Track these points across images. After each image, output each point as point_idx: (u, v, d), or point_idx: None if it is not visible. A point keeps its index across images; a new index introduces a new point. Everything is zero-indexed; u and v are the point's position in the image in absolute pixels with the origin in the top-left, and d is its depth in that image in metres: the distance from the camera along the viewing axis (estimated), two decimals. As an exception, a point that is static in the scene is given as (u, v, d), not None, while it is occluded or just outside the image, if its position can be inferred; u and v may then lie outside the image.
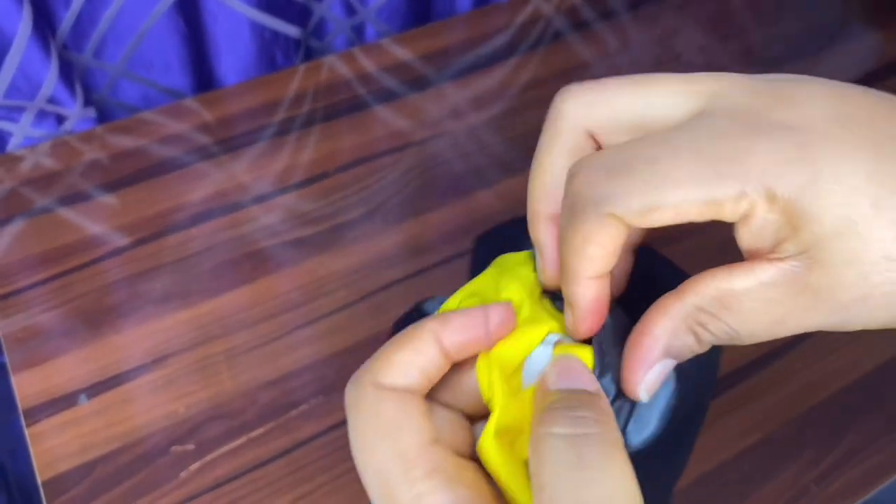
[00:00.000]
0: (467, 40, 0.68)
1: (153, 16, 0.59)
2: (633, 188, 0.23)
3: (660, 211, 0.23)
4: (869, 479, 0.44)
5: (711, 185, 0.22)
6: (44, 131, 0.59)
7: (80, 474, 0.43)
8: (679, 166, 0.23)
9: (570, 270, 0.25)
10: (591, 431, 0.23)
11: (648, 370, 0.25)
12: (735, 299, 0.23)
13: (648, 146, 0.24)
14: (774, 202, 0.22)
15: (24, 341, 0.47)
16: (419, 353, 0.25)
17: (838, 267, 0.22)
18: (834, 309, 0.22)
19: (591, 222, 0.24)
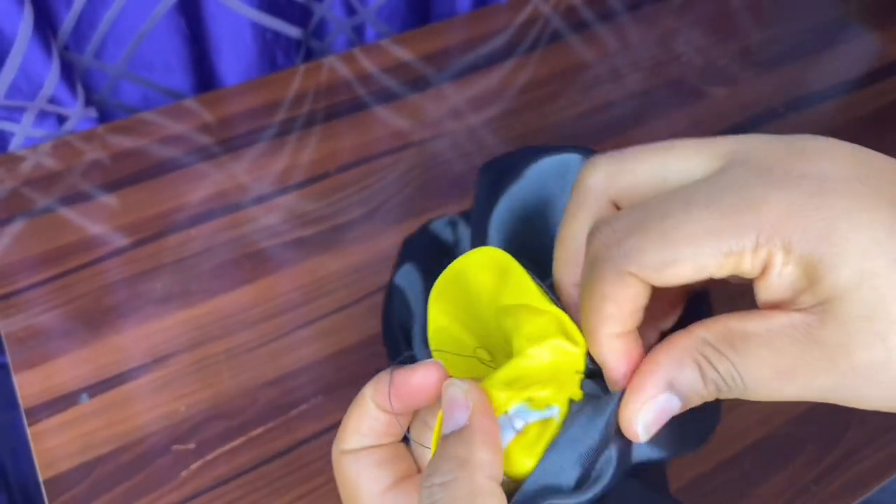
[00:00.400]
0: (467, 41, 0.68)
1: (154, 16, 0.59)
2: (647, 244, 0.23)
3: (676, 266, 0.23)
4: (868, 479, 0.44)
5: (726, 236, 0.22)
6: (45, 131, 0.59)
7: (80, 474, 0.43)
8: (692, 219, 0.23)
9: (590, 330, 0.25)
10: (439, 498, 0.23)
11: (648, 401, 0.24)
12: (743, 340, 0.23)
13: (662, 202, 0.24)
14: (791, 253, 0.22)
15: (25, 341, 0.48)
16: (363, 417, 0.27)
17: (853, 322, 0.21)
18: (847, 371, 0.22)
19: (609, 280, 0.24)
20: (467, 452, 0.23)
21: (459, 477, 0.23)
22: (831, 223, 0.21)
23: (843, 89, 0.67)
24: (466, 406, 0.25)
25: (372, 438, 0.27)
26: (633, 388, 0.24)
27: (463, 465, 0.23)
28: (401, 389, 0.26)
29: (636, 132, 0.61)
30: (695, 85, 0.65)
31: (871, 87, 0.67)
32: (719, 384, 0.23)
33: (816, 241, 0.21)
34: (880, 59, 0.70)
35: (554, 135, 0.61)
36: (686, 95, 0.64)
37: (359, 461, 0.27)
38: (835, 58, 0.69)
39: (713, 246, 0.22)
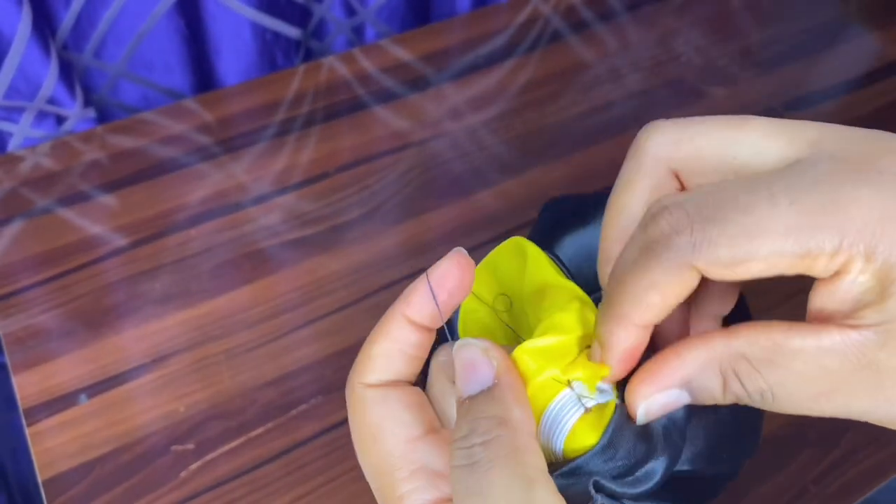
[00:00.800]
0: (467, 41, 0.68)
1: (153, 16, 0.59)
2: (723, 238, 0.21)
3: (749, 263, 0.21)
4: (867, 479, 0.44)
5: (808, 237, 0.20)
6: (43, 132, 0.59)
7: (80, 474, 0.43)
8: (775, 215, 0.21)
9: (619, 313, 0.23)
10: (479, 457, 0.22)
11: (658, 392, 0.23)
12: (786, 356, 0.21)
13: (743, 191, 0.21)
14: (871, 261, 0.20)
15: (25, 341, 0.48)
16: (395, 340, 0.25)
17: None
18: (893, 398, 0.20)
19: (664, 270, 0.22)
20: (503, 411, 0.22)
21: (501, 435, 0.22)
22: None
23: (842, 89, 0.67)
24: (490, 365, 0.24)
25: (399, 368, 0.25)
26: (649, 372, 0.23)
27: (502, 424, 0.22)
28: (440, 285, 0.25)
29: (636, 132, 0.61)
30: (694, 85, 0.65)
31: (871, 87, 0.67)
32: (741, 397, 0.22)
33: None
34: (880, 59, 0.70)
35: (554, 135, 0.61)
36: (686, 95, 0.64)
37: (387, 400, 0.25)
38: (835, 58, 0.69)
39: (793, 245, 0.20)
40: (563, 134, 0.61)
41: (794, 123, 0.23)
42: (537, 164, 0.59)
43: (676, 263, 0.22)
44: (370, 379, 0.25)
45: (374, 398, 0.25)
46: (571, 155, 0.59)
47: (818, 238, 0.20)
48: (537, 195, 0.56)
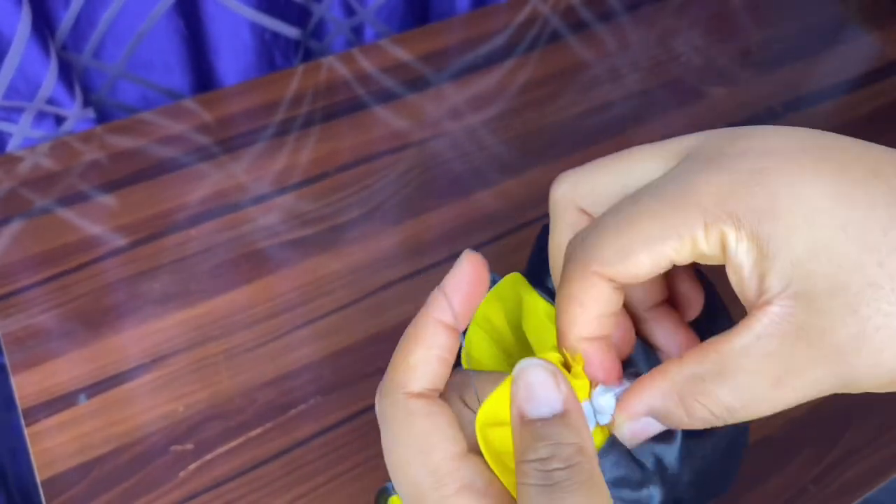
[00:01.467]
0: (466, 41, 0.68)
1: (152, 16, 0.59)
2: (602, 240, 0.24)
3: (633, 257, 0.23)
4: (867, 479, 0.44)
5: (673, 221, 0.23)
6: (43, 132, 0.59)
7: (79, 474, 0.43)
8: (640, 211, 0.24)
9: (560, 333, 0.26)
10: (558, 479, 0.22)
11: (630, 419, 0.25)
12: (732, 361, 0.22)
13: (617, 204, 0.25)
14: (741, 227, 0.22)
15: (24, 341, 0.48)
16: (431, 346, 0.25)
17: (824, 299, 0.21)
18: (832, 356, 0.21)
19: (574, 280, 0.25)
20: (581, 439, 0.23)
21: (582, 462, 0.23)
22: (773, 196, 0.22)
23: (842, 89, 0.67)
24: (558, 389, 0.24)
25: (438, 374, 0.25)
26: (623, 401, 0.25)
27: (581, 452, 0.23)
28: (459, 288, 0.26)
29: (635, 132, 0.61)
30: (694, 85, 0.65)
31: (871, 87, 0.67)
32: (708, 419, 0.23)
33: (762, 215, 0.22)
34: (880, 59, 0.70)
35: (554, 135, 0.61)
36: (685, 95, 0.64)
37: (434, 414, 0.25)
38: (834, 58, 0.69)
39: (663, 231, 0.23)
40: (562, 134, 0.61)
41: (672, 140, 0.26)
42: (537, 164, 0.58)
43: (579, 272, 0.25)
44: (414, 387, 0.25)
45: (422, 409, 0.25)
46: (571, 155, 0.59)
47: (683, 219, 0.23)
48: (537, 195, 0.56)
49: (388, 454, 0.25)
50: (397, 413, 0.25)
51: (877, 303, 0.21)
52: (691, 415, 0.23)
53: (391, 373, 0.25)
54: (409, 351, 0.25)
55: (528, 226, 0.55)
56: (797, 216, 0.21)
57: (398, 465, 0.25)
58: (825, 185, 0.22)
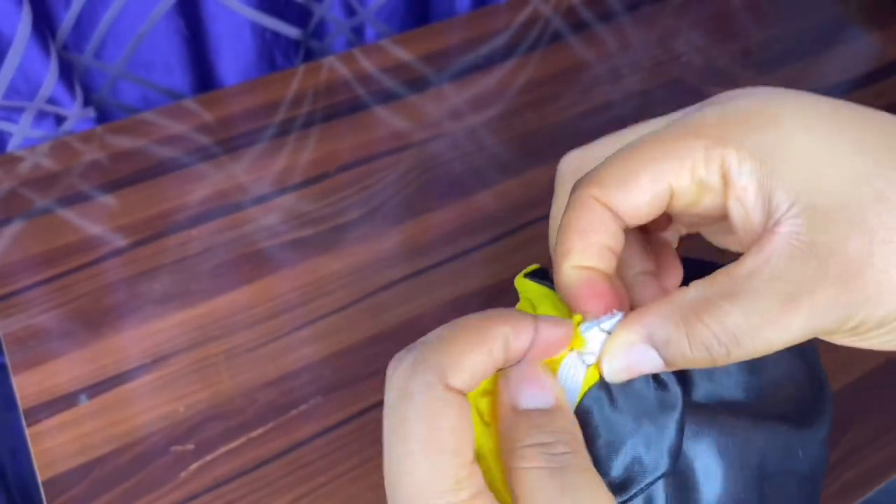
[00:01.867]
0: (467, 41, 0.68)
1: (153, 17, 0.59)
2: (606, 167, 0.24)
3: (632, 180, 0.23)
4: (868, 480, 0.44)
5: (673, 146, 0.23)
6: (43, 132, 0.59)
7: (80, 474, 0.43)
8: (643, 142, 0.24)
9: (555, 264, 0.25)
10: (567, 462, 0.22)
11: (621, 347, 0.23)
12: (745, 283, 0.21)
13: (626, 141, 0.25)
14: (742, 148, 0.22)
15: (25, 341, 0.48)
16: (490, 358, 0.23)
17: (831, 213, 0.20)
18: (841, 274, 0.20)
19: (573, 207, 0.25)
20: (575, 429, 0.23)
21: (579, 452, 0.22)
22: (775, 116, 0.22)
23: (842, 89, 0.67)
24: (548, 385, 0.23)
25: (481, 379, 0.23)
26: (618, 328, 0.24)
27: (577, 442, 0.22)
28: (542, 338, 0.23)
29: (636, 132, 0.61)
30: (694, 85, 0.65)
31: (871, 88, 0.67)
32: (711, 348, 0.22)
33: (764, 132, 0.22)
34: (880, 59, 0.70)
35: (554, 135, 0.61)
36: (686, 95, 0.64)
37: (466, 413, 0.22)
38: (835, 58, 0.69)
39: (662, 154, 0.23)
40: (563, 134, 0.61)
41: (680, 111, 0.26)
42: (537, 164, 0.58)
43: (579, 199, 0.24)
44: (455, 384, 0.22)
45: (455, 409, 0.21)
46: (571, 155, 0.59)
47: (681, 143, 0.23)
48: (537, 195, 0.56)
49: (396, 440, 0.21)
50: (427, 400, 0.21)
51: (883, 216, 0.20)
52: (693, 341, 0.22)
53: (436, 354, 0.22)
54: (469, 348, 0.22)
55: (528, 226, 0.55)
56: (800, 130, 0.21)
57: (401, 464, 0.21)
58: (826, 109, 0.22)
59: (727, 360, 0.22)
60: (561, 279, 0.25)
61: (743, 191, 0.22)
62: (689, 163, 0.23)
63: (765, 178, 0.22)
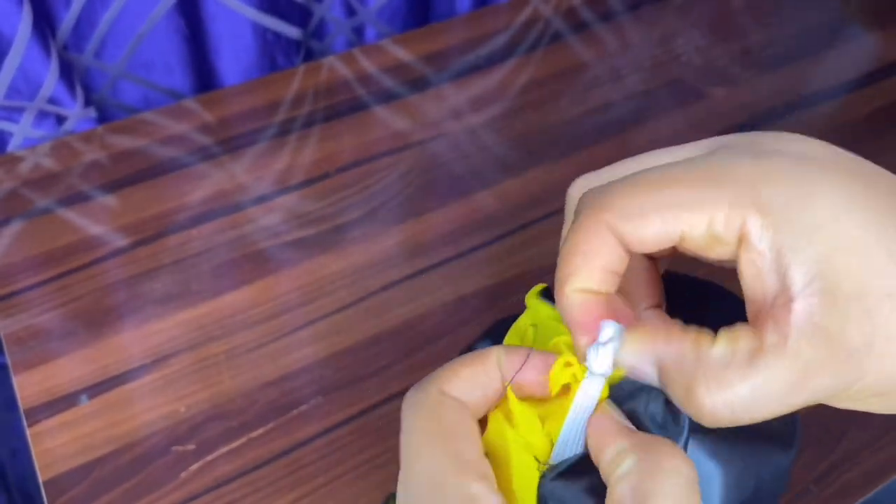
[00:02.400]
0: (467, 41, 0.68)
1: (153, 16, 0.59)
2: (621, 192, 0.24)
3: (648, 217, 0.23)
4: (868, 480, 0.44)
5: (699, 193, 0.22)
6: (44, 132, 0.59)
7: (80, 474, 0.43)
8: (667, 175, 0.23)
9: (558, 285, 0.25)
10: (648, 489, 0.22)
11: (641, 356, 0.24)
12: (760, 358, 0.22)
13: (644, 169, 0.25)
14: (767, 215, 0.21)
15: (25, 342, 0.48)
16: (483, 374, 0.26)
17: (844, 300, 0.21)
18: (844, 358, 0.21)
19: (583, 229, 0.24)
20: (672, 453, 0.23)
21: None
22: (808, 192, 0.21)
23: (843, 89, 0.67)
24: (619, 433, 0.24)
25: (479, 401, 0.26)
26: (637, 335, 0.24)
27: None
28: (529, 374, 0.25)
29: (636, 132, 0.61)
30: (694, 85, 0.65)
31: (871, 87, 0.67)
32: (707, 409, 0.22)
33: (793, 204, 0.21)
34: (880, 59, 0.70)
35: (554, 135, 0.61)
36: (686, 96, 0.64)
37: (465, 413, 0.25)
38: (835, 58, 0.69)
39: (683, 199, 0.22)
40: (563, 134, 0.61)
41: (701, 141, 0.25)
42: (538, 164, 0.59)
43: (590, 222, 0.24)
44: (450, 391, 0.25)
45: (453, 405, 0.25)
46: (571, 155, 0.59)
47: (708, 192, 0.22)
48: (538, 195, 0.56)
49: (408, 442, 0.25)
50: (429, 402, 0.25)
51: (891, 314, 0.21)
52: (690, 397, 0.22)
53: (436, 373, 0.26)
54: (463, 364, 0.26)
55: (528, 226, 0.55)
56: (829, 214, 0.21)
57: (418, 452, 0.24)
58: (859, 189, 0.22)
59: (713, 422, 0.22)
60: (563, 302, 0.25)
61: (760, 256, 0.22)
62: (707, 217, 0.22)
63: (785, 251, 0.22)
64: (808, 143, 0.23)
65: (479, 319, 0.50)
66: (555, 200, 0.56)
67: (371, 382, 0.47)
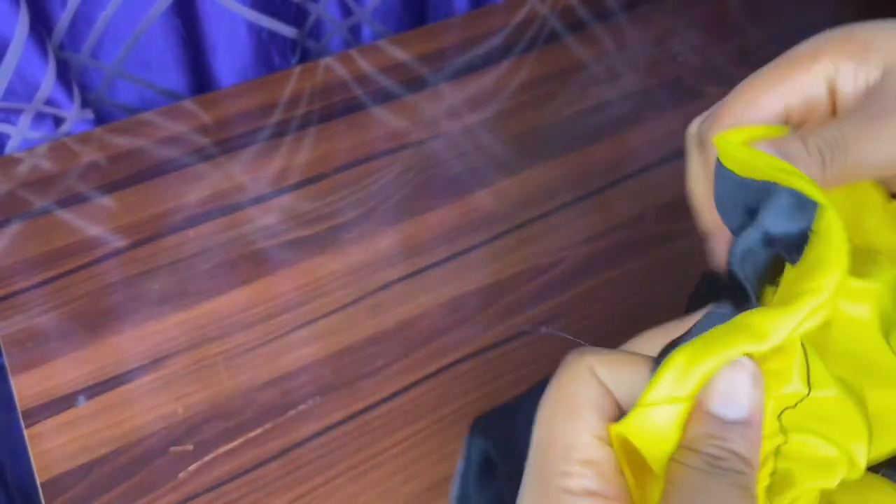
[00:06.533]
0: (464, 41, 0.68)
1: (150, 16, 0.59)
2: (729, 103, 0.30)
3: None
4: (865, 477, 0.45)
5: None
6: (41, 133, 0.59)
7: (78, 475, 0.43)
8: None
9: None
10: (726, 472, 0.22)
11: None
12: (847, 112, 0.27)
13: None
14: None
15: (23, 343, 0.48)
16: (635, 369, 0.24)
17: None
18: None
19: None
20: (752, 454, 0.23)
21: (747, 474, 0.22)
22: None
23: (839, 88, 0.67)
24: (751, 396, 0.23)
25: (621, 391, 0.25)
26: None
27: (748, 464, 0.22)
28: None
29: (633, 132, 0.61)
30: (691, 85, 0.65)
31: (868, 86, 0.67)
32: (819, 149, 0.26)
33: None
34: (876, 57, 0.70)
35: (551, 134, 0.61)
36: (682, 95, 0.65)
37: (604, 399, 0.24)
38: (831, 57, 0.69)
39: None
40: (560, 133, 0.61)
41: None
42: (535, 163, 0.59)
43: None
44: (601, 375, 0.25)
45: (595, 389, 0.24)
46: (569, 154, 0.59)
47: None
48: (535, 195, 0.57)
49: (544, 399, 0.25)
50: (576, 372, 0.24)
51: None
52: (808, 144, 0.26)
53: (599, 350, 0.25)
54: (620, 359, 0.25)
55: (526, 225, 0.55)
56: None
57: (546, 412, 0.24)
58: None
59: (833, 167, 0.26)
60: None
61: None
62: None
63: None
64: None
65: (478, 319, 0.50)
66: (552, 199, 0.56)
67: (369, 382, 0.47)
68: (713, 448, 0.22)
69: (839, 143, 0.26)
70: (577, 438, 0.23)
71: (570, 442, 0.23)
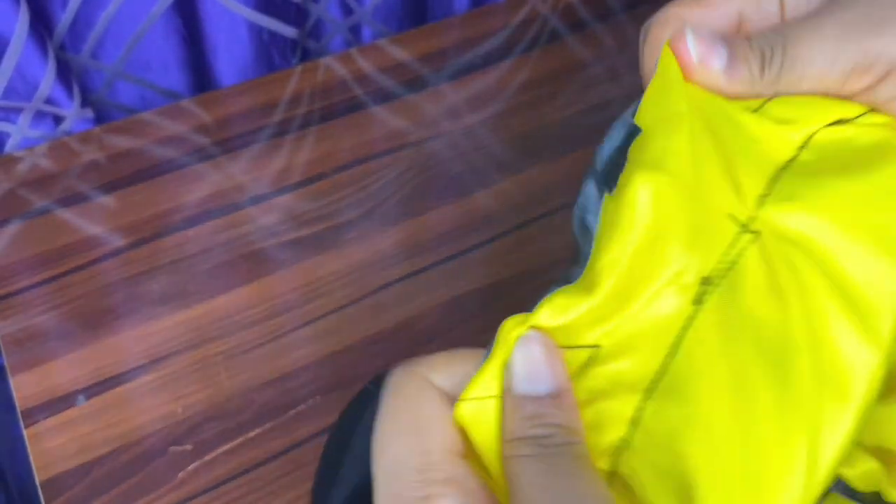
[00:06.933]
0: (464, 41, 0.68)
1: (151, 16, 0.59)
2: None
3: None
4: (866, 478, 0.44)
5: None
6: (41, 132, 0.59)
7: (78, 475, 0.43)
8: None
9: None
10: (561, 451, 0.21)
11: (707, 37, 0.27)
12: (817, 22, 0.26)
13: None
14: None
15: (23, 342, 0.48)
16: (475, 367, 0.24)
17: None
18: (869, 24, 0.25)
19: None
20: (571, 421, 0.22)
21: (576, 443, 0.22)
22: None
23: (840, 88, 0.67)
24: (553, 368, 0.22)
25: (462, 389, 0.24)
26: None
27: (575, 433, 0.22)
28: None
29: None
30: (692, 84, 0.65)
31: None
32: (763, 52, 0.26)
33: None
34: (877, 57, 0.70)
35: (552, 134, 0.61)
36: (683, 95, 0.64)
37: (447, 408, 0.23)
38: (832, 57, 0.69)
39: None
40: (561, 133, 0.61)
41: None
42: (536, 163, 0.59)
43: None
44: (437, 381, 0.24)
45: (435, 398, 0.23)
46: (570, 154, 0.59)
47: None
48: (536, 195, 0.57)
49: (380, 425, 0.23)
50: (411, 388, 0.23)
51: None
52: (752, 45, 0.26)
53: (427, 357, 0.24)
54: (459, 359, 0.24)
55: (527, 225, 0.55)
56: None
57: (387, 438, 0.23)
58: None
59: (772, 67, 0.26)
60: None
61: None
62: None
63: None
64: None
65: (477, 319, 0.50)
66: (553, 199, 0.56)
67: (369, 382, 0.47)
68: (537, 429, 0.22)
69: (779, 42, 0.26)
70: (429, 459, 0.22)
71: (423, 464, 0.22)
